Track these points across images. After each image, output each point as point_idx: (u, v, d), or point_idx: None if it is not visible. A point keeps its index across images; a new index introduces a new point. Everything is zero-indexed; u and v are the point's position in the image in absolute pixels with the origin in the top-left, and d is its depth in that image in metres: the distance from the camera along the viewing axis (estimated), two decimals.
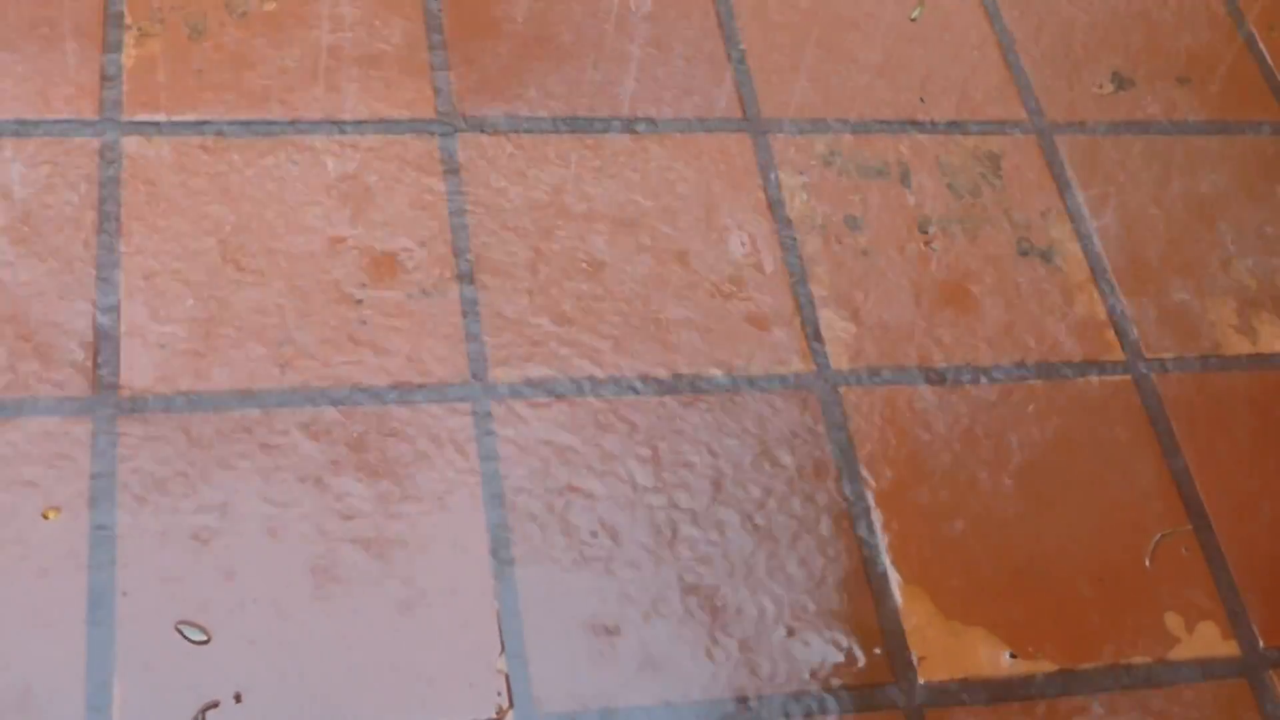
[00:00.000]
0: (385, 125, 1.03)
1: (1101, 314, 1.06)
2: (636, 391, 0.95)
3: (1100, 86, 1.19)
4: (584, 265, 1.00)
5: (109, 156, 0.98)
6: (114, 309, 0.92)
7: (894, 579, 0.91)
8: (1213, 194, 1.14)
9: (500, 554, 0.88)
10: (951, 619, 0.91)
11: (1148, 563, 0.95)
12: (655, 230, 1.03)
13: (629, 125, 1.08)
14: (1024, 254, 1.07)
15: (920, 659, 0.89)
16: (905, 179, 1.09)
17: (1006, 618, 0.91)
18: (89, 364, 0.90)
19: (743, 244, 1.03)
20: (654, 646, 0.86)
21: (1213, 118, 1.19)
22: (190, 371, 0.91)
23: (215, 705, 0.80)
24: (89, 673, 0.80)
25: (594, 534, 0.89)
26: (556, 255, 1.00)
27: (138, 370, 0.90)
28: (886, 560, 0.92)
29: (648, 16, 1.14)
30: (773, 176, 1.07)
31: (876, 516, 0.93)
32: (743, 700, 0.85)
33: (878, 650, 0.89)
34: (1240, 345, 1.07)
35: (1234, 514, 0.98)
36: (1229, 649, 0.93)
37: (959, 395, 1.00)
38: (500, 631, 0.85)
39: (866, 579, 0.91)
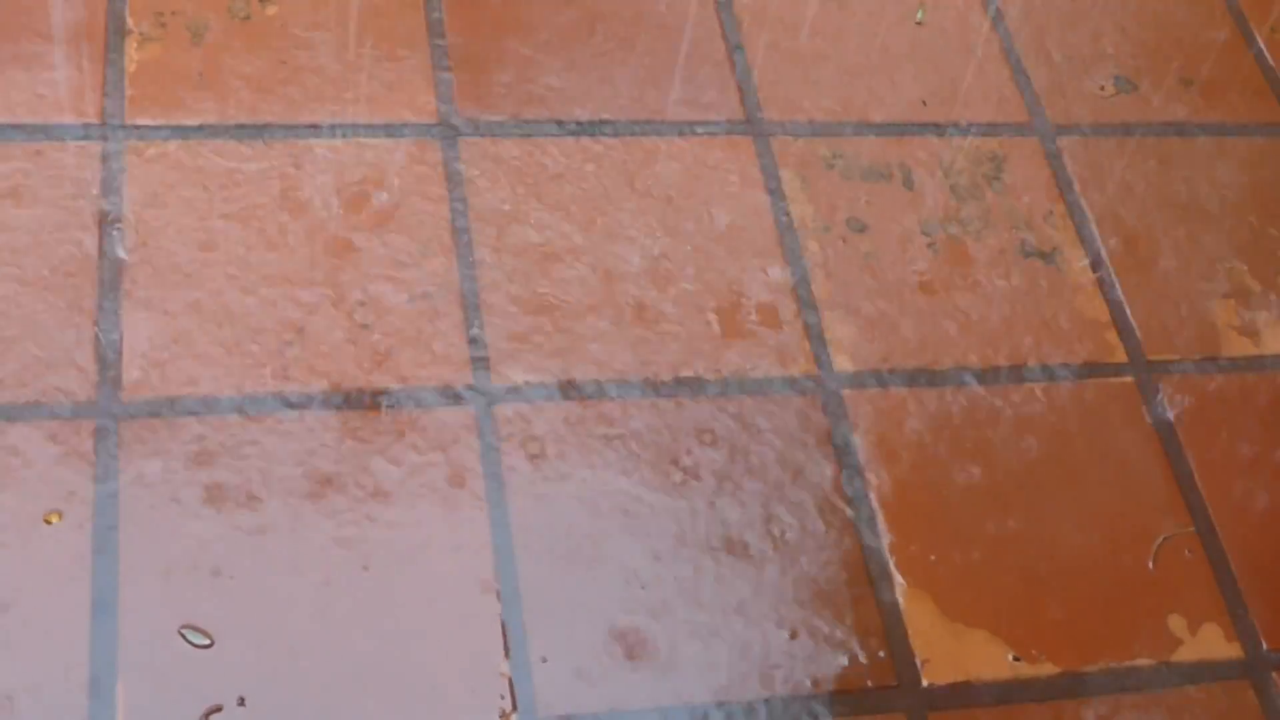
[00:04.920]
0: (387, 129, 1.04)
1: (1104, 315, 1.06)
2: (638, 394, 0.95)
3: (1102, 88, 1.19)
4: (585, 267, 1.00)
5: (111, 160, 0.98)
6: (116, 313, 0.92)
7: (897, 581, 0.91)
8: (1214, 195, 1.14)
9: (503, 556, 0.88)
10: (954, 621, 0.91)
11: (1151, 565, 0.95)
12: (656, 232, 1.03)
13: (630, 128, 1.08)
14: (1026, 255, 1.07)
15: (923, 661, 0.89)
16: (907, 181, 1.09)
17: (1009, 620, 0.91)
18: (91, 367, 0.90)
19: (745, 246, 1.03)
20: (657, 649, 0.86)
21: (1215, 119, 1.19)
22: (193, 375, 0.91)
23: (218, 709, 0.80)
24: (92, 677, 0.80)
25: (596, 536, 0.89)
26: (558, 257, 1.00)
27: (140, 374, 0.90)
28: (889, 563, 0.92)
29: (650, 19, 1.14)
30: (775, 179, 1.07)
31: (879, 519, 0.93)
32: (745, 703, 0.85)
33: (881, 653, 0.89)
34: (1242, 346, 1.07)
35: (1237, 516, 0.98)
36: (1232, 651, 0.93)
37: (961, 397, 1.00)
38: (504, 634, 0.85)
39: (869, 581, 0.91)
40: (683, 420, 0.95)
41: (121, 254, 0.95)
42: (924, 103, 1.14)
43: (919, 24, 1.19)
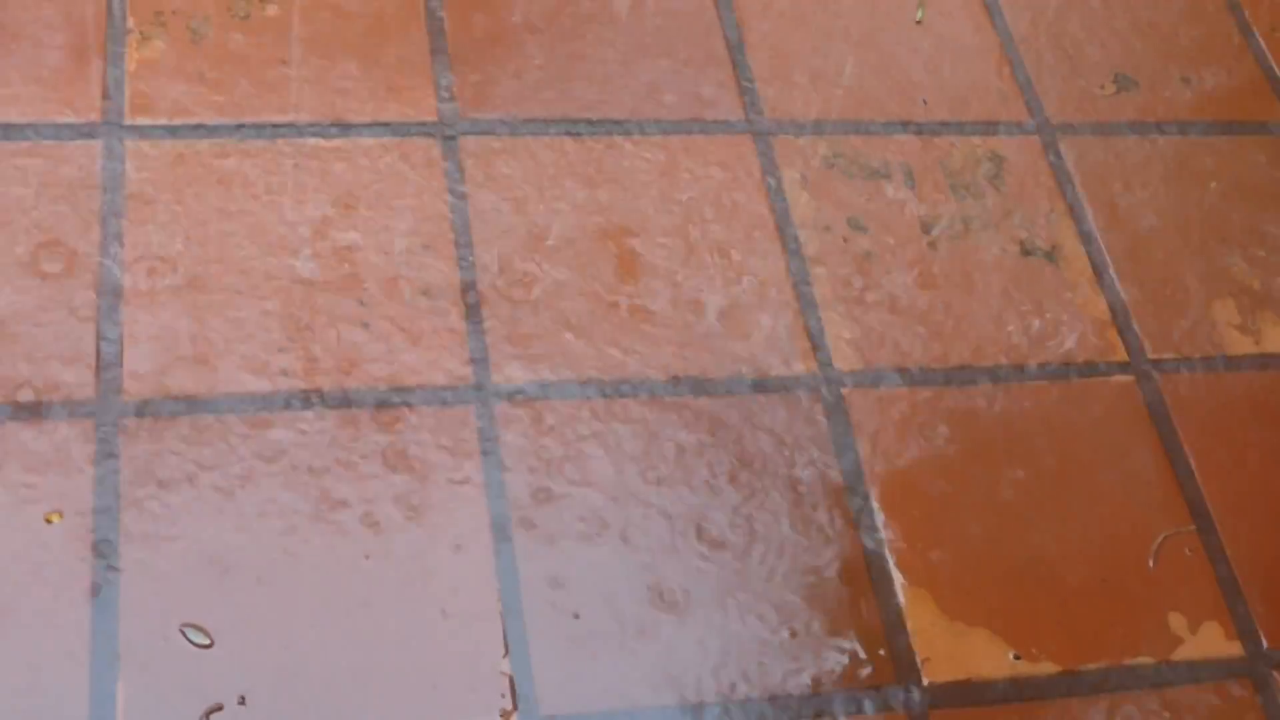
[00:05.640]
0: (387, 128, 1.04)
1: (1104, 314, 1.06)
2: (638, 393, 0.95)
3: (1103, 87, 1.19)
4: (585, 267, 1.00)
5: (111, 160, 0.98)
6: (117, 312, 0.92)
7: (897, 580, 0.91)
8: (1215, 194, 1.14)
9: (503, 555, 0.88)
10: (955, 620, 0.91)
11: (1151, 563, 0.95)
12: (656, 233, 1.03)
13: (631, 127, 1.08)
14: (1027, 254, 1.07)
15: (924, 660, 0.89)
16: (908, 180, 1.09)
17: (1010, 619, 0.91)
18: (92, 367, 0.90)
19: (745, 246, 1.03)
20: (658, 648, 0.86)
21: (1215, 118, 1.19)
22: (193, 374, 0.91)
23: (219, 709, 0.80)
24: (93, 676, 0.80)
25: (597, 535, 0.89)
26: (557, 257, 1.00)
27: (141, 373, 0.90)
28: (890, 562, 0.92)
29: (649, 19, 1.14)
30: (775, 178, 1.07)
31: (879, 518, 0.93)
32: (746, 702, 0.85)
33: (881, 652, 0.89)
34: (1243, 345, 1.07)
35: (1237, 514, 0.98)
36: (1233, 649, 0.93)
37: (962, 396, 1.00)
38: (504, 633, 0.85)
39: (870, 580, 0.91)
40: (683, 419, 0.95)
41: (122, 253, 0.95)
42: (924, 102, 1.14)
43: (918, 23, 1.19)
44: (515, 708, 0.83)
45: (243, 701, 0.80)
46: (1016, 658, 0.90)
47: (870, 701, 0.87)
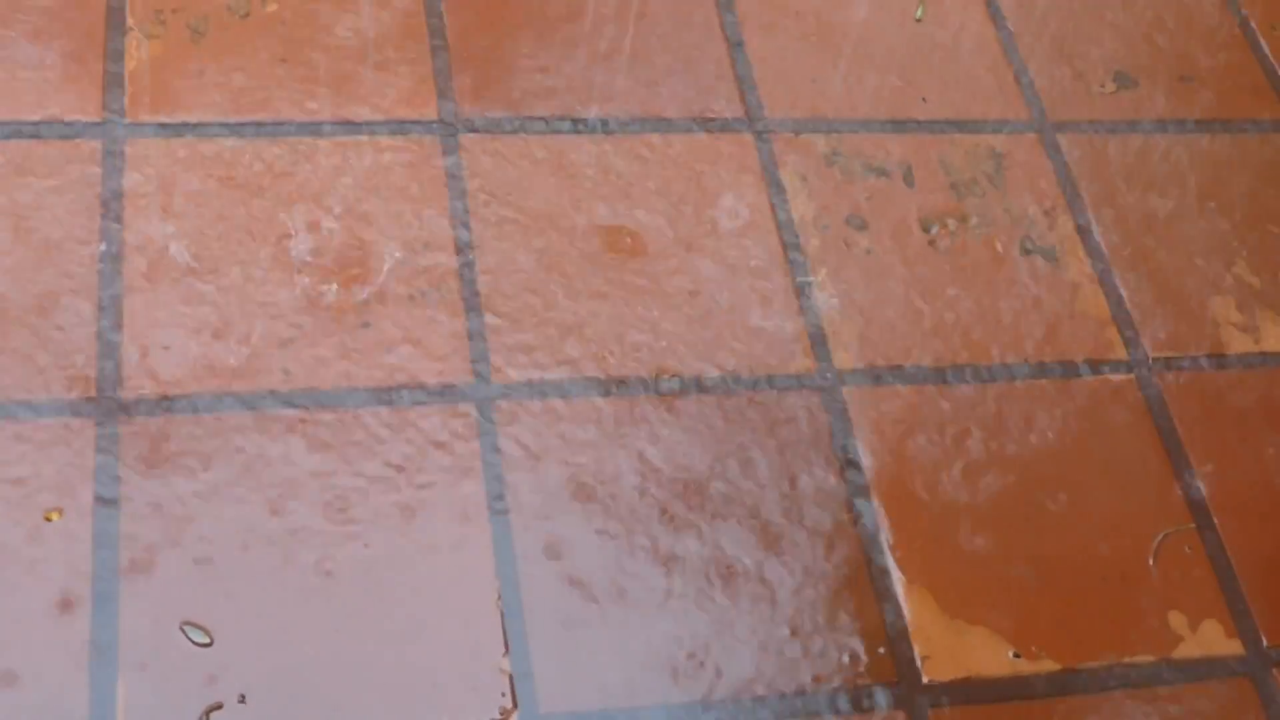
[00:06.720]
0: (388, 126, 1.04)
1: (1104, 313, 1.06)
2: (638, 392, 0.95)
3: (1103, 85, 1.19)
4: (585, 265, 1.00)
5: (111, 159, 0.98)
6: (116, 311, 0.92)
7: (897, 578, 0.91)
8: (1215, 192, 1.14)
9: (503, 554, 0.88)
10: (955, 618, 0.91)
11: (1151, 562, 0.95)
12: (657, 231, 1.03)
13: (630, 126, 1.08)
14: (1026, 253, 1.07)
15: (924, 658, 0.89)
16: (907, 178, 1.09)
17: (1010, 617, 0.91)
18: (91, 365, 0.90)
19: (745, 245, 1.03)
20: (657, 647, 0.86)
21: (1215, 116, 1.19)
22: (193, 372, 0.91)
23: (219, 707, 0.80)
24: (93, 675, 0.80)
25: (596, 534, 0.89)
26: (558, 256, 1.00)
27: (140, 371, 0.90)
28: (889, 560, 0.92)
29: (650, 18, 1.14)
30: (775, 176, 1.07)
31: (879, 516, 0.93)
32: (745, 700, 0.85)
33: (881, 650, 0.89)
34: (1243, 344, 1.07)
35: (1237, 512, 0.98)
36: (1233, 648, 0.93)
37: (962, 395, 1.00)
38: (504, 632, 0.85)
39: (869, 578, 0.91)
40: (683, 418, 0.95)
41: (121, 252, 0.95)
42: (924, 100, 1.14)
43: (918, 21, 1.19)
44: (515, 707, 0.83)
45: (243, 700, 0.80)
46: (1016, 656, 0.90)
47: (870, 700, 0.87)
